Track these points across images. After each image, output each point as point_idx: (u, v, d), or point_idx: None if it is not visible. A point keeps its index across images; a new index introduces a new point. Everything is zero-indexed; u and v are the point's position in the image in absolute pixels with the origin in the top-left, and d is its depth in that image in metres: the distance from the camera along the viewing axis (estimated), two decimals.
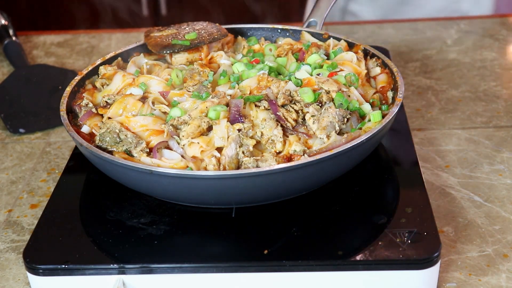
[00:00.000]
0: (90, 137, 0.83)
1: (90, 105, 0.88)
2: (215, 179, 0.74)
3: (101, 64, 0.96)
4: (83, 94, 0.91)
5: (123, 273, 0.74)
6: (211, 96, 0.85)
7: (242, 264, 0.73)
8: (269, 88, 0.85)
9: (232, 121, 0.80)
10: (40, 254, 0.75)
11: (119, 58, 0.99)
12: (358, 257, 0.72)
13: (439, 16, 1.54)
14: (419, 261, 0.72)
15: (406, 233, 0.75)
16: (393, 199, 0.82)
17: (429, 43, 1.37)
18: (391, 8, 1.61)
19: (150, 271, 0.73)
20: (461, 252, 0.80)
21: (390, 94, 0.90)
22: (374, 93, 0.89)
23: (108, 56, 0.98)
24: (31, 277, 0.74)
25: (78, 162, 0.91)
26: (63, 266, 0.73)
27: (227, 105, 0.83)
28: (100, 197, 0.85)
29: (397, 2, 1.60)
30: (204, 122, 0.80)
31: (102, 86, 0.93)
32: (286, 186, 0.77)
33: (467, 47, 1.34)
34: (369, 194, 0.83)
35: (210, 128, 0.80)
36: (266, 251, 0.73)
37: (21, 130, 1.10)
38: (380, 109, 0.86)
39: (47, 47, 1.42)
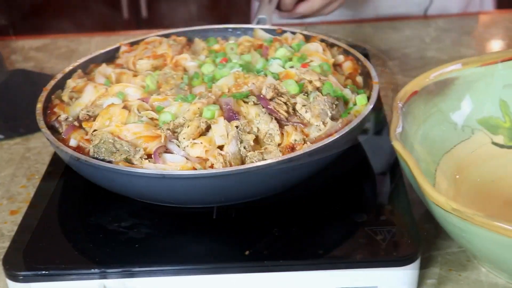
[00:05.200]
0: (78, 150, 0.82)
1: (70, 119, 0.87)
2: (234, 175, 0.74)
3: (63, 78, 0.95)
4: (55, 110, 0.89)
5: (104, 277, 0.73)
6: (197, 97, 0.85)
7: (223, 266, 0.73)
8: (253, 84, 0.86)
9: (228, 119, 0.81)
10: (20, 261, 0.74)
11: (79, 70, 0.97)
12: (338, 256, 0.73)
13: None
14: (399, 258, 0.72)
15: (387, 230, 0.76)
16: (373, 197, 0.82)
17: (408, 42, 1.38)
18: None
19: (132, 275, 0.73)
20: (441, 248, 0.81)
21: (359, 78, 0.93)
22: (345, 80, 0.93)
23: (67, 70, 0.97)
24: (11, 284, 0.74)
25: (58, 167, 0.90)
26: (44, 272, 0.73)
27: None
28: (80, 202, 0.85)
29: None
30: (202, 122, 0.80)
31: (71, 99, 0.91)
32: (293, 175, 0.78)
33: (445, 45, 1.35)
34: (349, 192, 0.84)
35: (207, 128, 0.80)
36: (247, 252, 0.73)
37: (0, 136, 1.09)
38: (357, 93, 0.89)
39: (26, 52, 1.41)
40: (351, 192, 0.84)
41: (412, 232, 0.75)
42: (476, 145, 0.91)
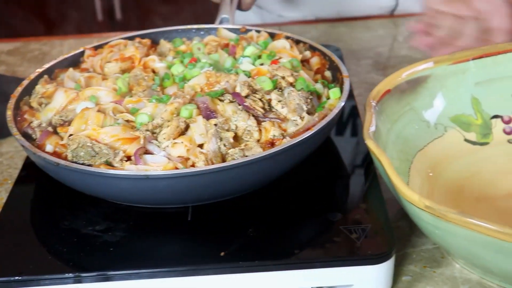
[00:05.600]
0: (55, 156, 0.81)
1: (43, 125, 0.86)
2: (218, 172, 0.74)
3: (30, 84, 0.94)
4: (25, 116, 0.88)
5: (79, 281, 0.73)
6: (173, 97, 0.85)
7: (199, 267, 0.73)
8: (227, 82, 0.86)
9: (206, 117, 0.81)
10: None
11: (45, 76, 0.97)
12: (314, 255, 0.73)
13: None
14: (374, 256, 0.72)
15: (361, 229, 0.76)
16: (347, 196, 0.83)
17: (381, 41, 1.38)
18: None
19: (107, 279, 0.73)
20: (416, 245, 0.81)
21: (328, 73, 0.94)
22: (314, 75, 0.94)
23: (33, 76, 0.96)
24: None
25: (30, 172, 0.90)
26: (17, 278, 0.72)
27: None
28: (54, 206, 0.84)
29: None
30: (181, 122, 0.80)
31: (40, 105, 0.91)
32: (276, 168, 0.79)
33: None
34: (324, 191, 0.84)
35: (186, 128, 0.81)
36: (222, 253, 0.73)
37: None
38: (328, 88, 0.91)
39: None
40: (326, 192, 0.84)
41: (387, 230, 0.76)
42: (449, 143, 0.92)
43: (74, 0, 3.02)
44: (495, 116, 0.94)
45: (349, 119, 0.98)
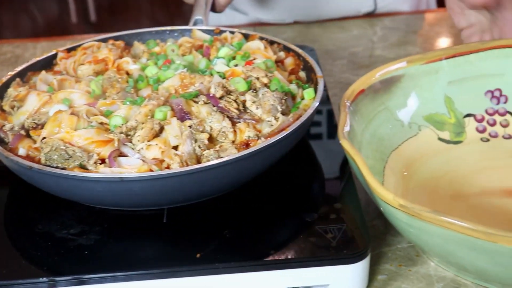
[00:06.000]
0: (27, 159, 0.80)
1: (16, 128, 0.85)
2: (193, 174, 0.74)
3: (3, 87, 0.93)
4: None
5: (53, 286, 0.72)
6: (147, 99, 0.84)
7: (175, 269, 0.72)
8: (202, 83, 0.86)
9: (181, 119, 0.81)
10: None
11: (18, 79, 0.96)
12: (290, 256, 0.73)
13: None
14: (350, 255, 0.73)
15: (337, 228, 0.76)
16: (322, 196, 0.83)
17: (355, 41, 1.39)
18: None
19: (82, 282, 0.72)
20: (391, 244, 0.82)
21: (302, 74, 0.95)
22: (289, 76, 0.94)
23: (4, 79, 0.95)
24: None
25: (3, 176, 0.88)
26: None
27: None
28: (28, 210, 0.83)
29: None
30: (155, 124, 0.80)
31: (12, 108, 0.90)
32: (251, 169, 0.79)
33: (391, 43, 1.37)
34: (299, 191, 0.84)
35: (160, 129, 0.80)
36: (198, 255, 0.73)
37: None
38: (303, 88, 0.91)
39: None
40: (301, 192, 0.84)
41: (362, 230, 0.76)
42: (423, 142, 0.93)
43: (48, 2, 3.00)
44: (468, 115, 0.95)
45: (324, 119, 0.99)
